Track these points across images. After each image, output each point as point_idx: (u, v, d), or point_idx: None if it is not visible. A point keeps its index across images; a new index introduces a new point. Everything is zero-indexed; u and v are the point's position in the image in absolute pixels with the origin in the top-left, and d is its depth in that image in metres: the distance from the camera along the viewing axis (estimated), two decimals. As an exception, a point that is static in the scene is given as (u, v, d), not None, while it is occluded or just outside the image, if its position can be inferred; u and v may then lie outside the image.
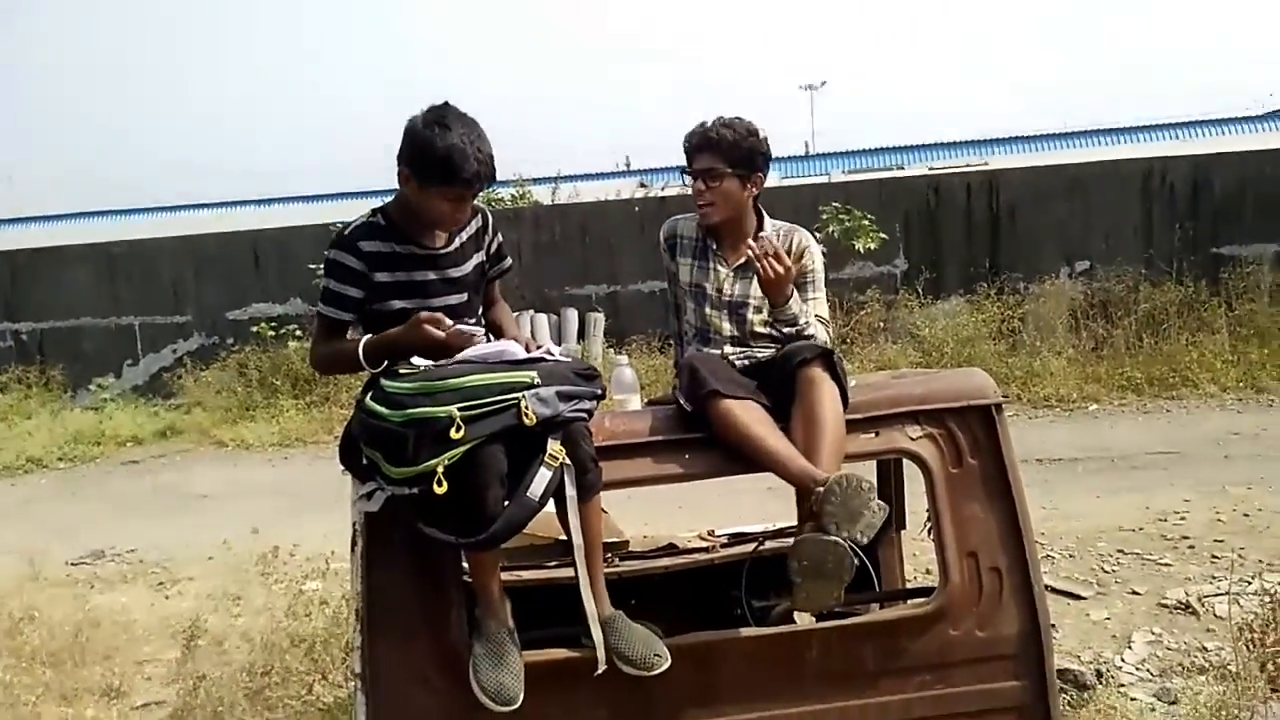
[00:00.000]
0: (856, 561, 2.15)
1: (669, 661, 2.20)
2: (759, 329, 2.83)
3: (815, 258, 2.86)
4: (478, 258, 2.54)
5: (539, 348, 2.34)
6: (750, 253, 2.58)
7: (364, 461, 2.19)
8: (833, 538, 2.13)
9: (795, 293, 2.67)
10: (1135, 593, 4.31)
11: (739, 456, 2.37)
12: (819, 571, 2.16)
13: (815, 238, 2.96)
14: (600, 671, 2.20)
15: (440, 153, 2.22)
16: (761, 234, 2.82)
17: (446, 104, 2.30)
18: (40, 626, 4.36)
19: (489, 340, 2.40)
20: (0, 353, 12.28)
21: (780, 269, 2.55)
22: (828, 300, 2.93)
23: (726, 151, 2.73)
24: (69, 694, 3.79)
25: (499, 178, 2.44)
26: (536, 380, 2.13)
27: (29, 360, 12.12)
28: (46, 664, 3.99)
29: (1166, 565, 4.62)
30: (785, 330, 2.70)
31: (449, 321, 2.26)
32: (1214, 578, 4.35)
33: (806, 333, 2.69)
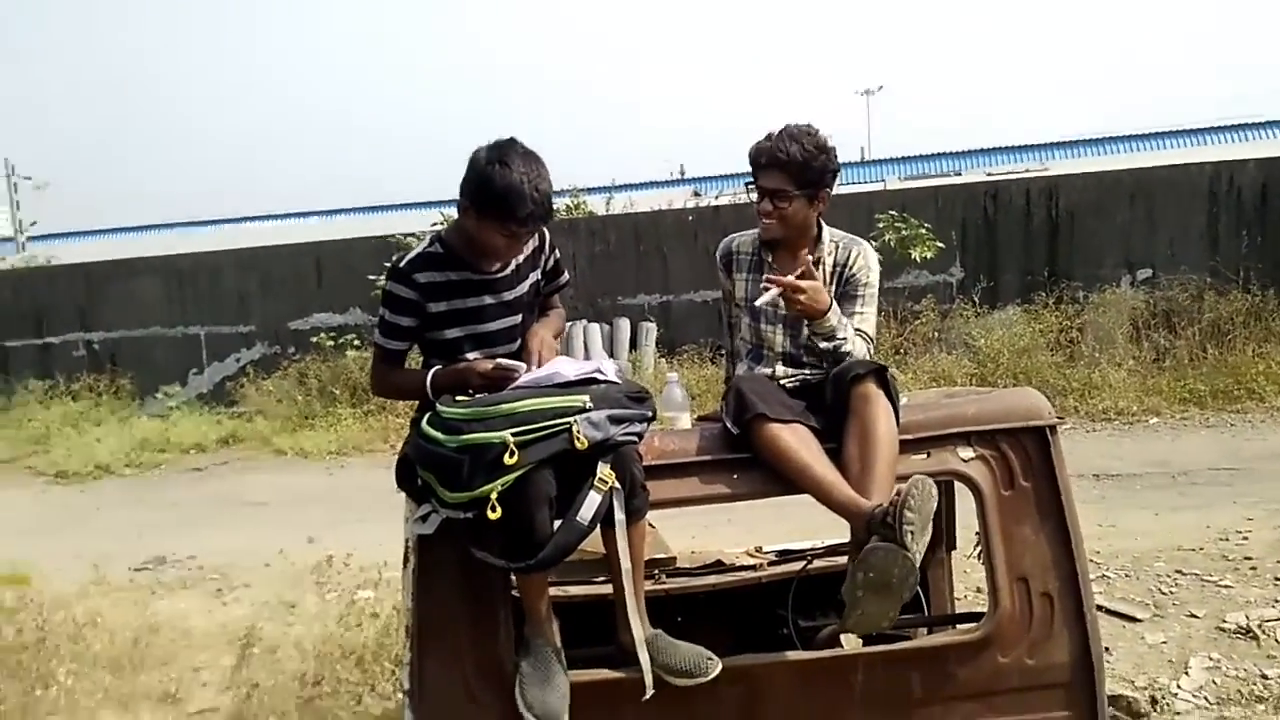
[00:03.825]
0: (919, 576, 2.12)
1: (720, 665, 2.22)
2: (814, 344, 2.80)
3: (871, 271, 2.79)
4: (533, 277, 2.56)
5: (576, 361, 2.37)
6: (774, 292, 2.52)
7: (419, 483, 2.23)
8: (905, 549, 2.08)
9: (835, 306, 2.60)
10: (1194, 616, 4.19)
11: (784, 479, 2.36)
12: (883, 584, 2.11)
13: (872, 245, 2.92)
14: (648, 695, 2.21)
15: (498, 190, 2.25)
16: (820, 246, 2.78)
17: (512, 140, 2.33)
18: (102, 631, 4.48)
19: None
20: (74, 361, 12.69)
21: (805, 298, 2.49)
22: (877, 315, 2.88)
23: (795, 172, 2.64)
24: (126, 699, 3.88)
25: (555, 191, 2.45)
26: (588, 404, 2.16)
27: (100, 369, 12.51)
28: (106, 669, 4.09)
29: (1227, 587, 4.48)
30: (821, 345, 2.62)
31: (510, 365, 2.29)
32: (1277, 601, 4.22)
33: (844, 349, 2.61)
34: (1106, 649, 2.86)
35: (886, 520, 2.12)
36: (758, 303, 2.64)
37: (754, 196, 2.75)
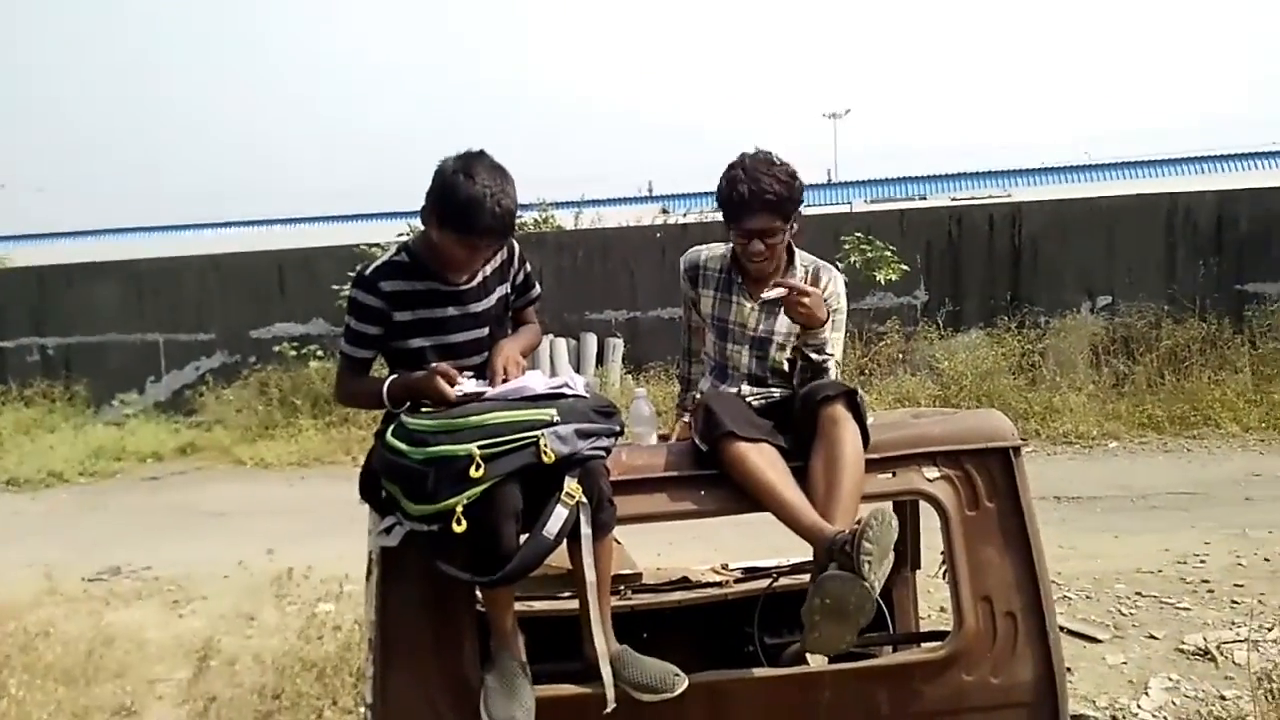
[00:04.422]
0: (876, 605, 2.13)
1: (686, 681, 2.21)
2: (780, 366, 2.82)
3: (840, 297, 2.81)
4: (501, 290, 2.55)
5: (524, 372, 2.36)
6: (781, 290, 2.54)
7: (383, 495, 2.21)
8: (861, 578, 2.09)
9: (828, 324, 2.62)
10: (1153, 637, 4.26)
11: (751, 497, 2.36)
12: (839, 611, 2.13)
13: (838, 268, 2.94)
14: (610, 709, 2.20)
15: (460, 201, 2.24)
16: (791, 269, 2.80)
17: (481, 153, 2.32)
18: (54, 642, 4.39)
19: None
20: (27, 366, 12.45)
21: (809, 304, 2.52)
22: (845, 338, 2.91)
23: (781, 207, 2.64)
24: (80, 712, 3.80)
25: (523, 205, 2.44)
26: (556, 418, 2.14)
27: (54, 374, 12.27)
28: (59, 680, 4.01)
29: (1185, 609, 4.56)
30: (812, 355, 2.64)
31: (461, 380, 2.27)
32: (1234, 624, 4.29)
33: (828, 365, 2.65)
34: (1068, 669, 2.88)
35: (845, 549, 2.13)
36: (766, 295, 2.64)
37: (742, 240, 2.70)
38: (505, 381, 2.34)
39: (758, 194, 2.61)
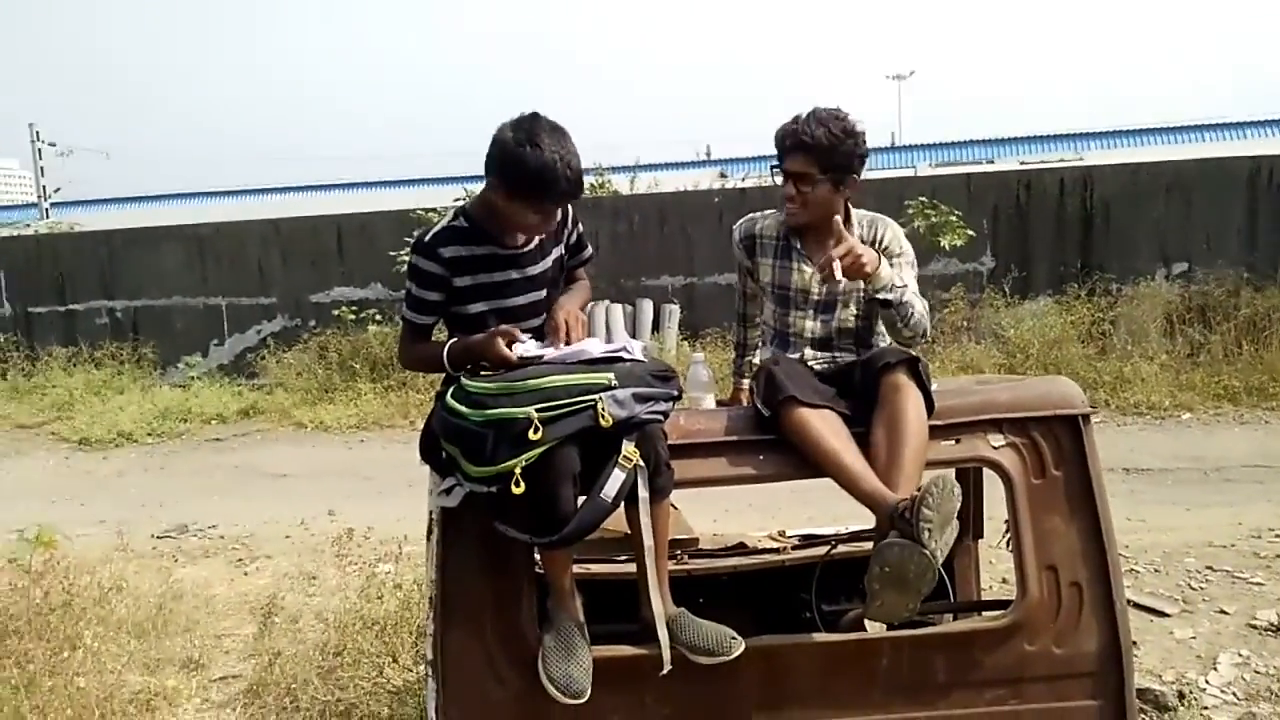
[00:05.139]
0: (938, 573, 2.10)
1: (743, 644, 2.21)
2: (848, 325, 2.76)
3: (902, 242, 2.73)
4: (557, 251, 2.54)
5: (602, 340, 2.35)
6: (836, 268, 2.41)
7: (443, 456, 2.22)
8: (921, 546, 2.07)
9: (883, 262, 2.51)
10: (1223, 612, 4.14)
11: (811, 463, 2.33)
12: (900, 579, 2.11)
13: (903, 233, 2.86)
14: (665, 671, 2.20)
15: (532, 170, 2.22)
16: (849, 226, 2.72)
17: (536, 115, 2.29)
18: (127, 597, 4.51)
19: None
20: (97, 329, 12.78)
21: (856, 263, 2.41)
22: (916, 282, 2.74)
23: (821, 155, 2.58)
24: (151, 664, 3.92)
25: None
26: (614, 382, 2.14)
27: (123, 337, 12.59)
28: (131, 633, 4.13)
29: (1258, 584, 4.42)
30: (888, 298, 2.52)
31: (524, 339, 2.28)
32: (1309, 599, 4.16)
33: (906, 297, 2.52)
34: (1135, 642, 2.82)
35: (905, 515, 2.11)
36: (837, 283, 2.49)
37: (779, 180, 2.70)
38: (568, 337, 2.36)
39: (795, 134, 2.60)
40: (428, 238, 2.41)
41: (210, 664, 4.00)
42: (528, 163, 2.22)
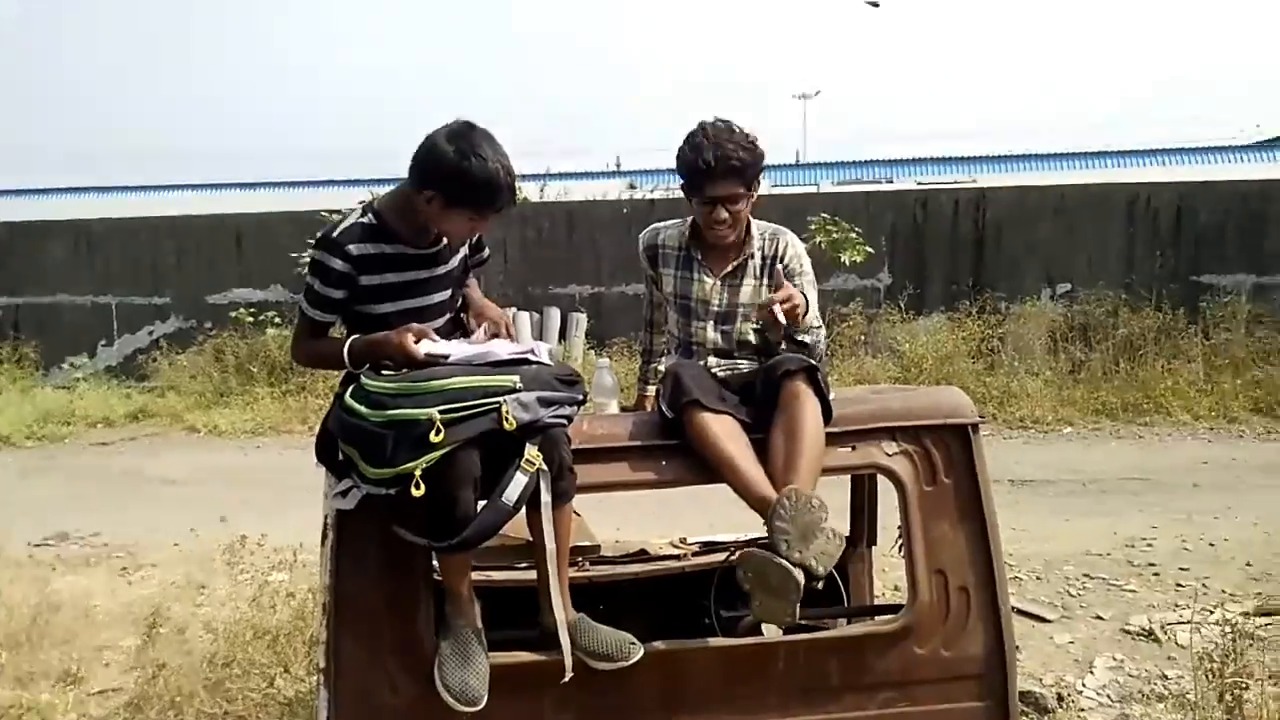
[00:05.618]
0: (802, 582, 2.11)
1: (642, 649, 2.21)
2: (746, 338, 2.81)
3: (802, 258, 2.80)
4: (463, 251, 2.53)
5: (510, 342, 2.35)
6: (769, 315, 2.47)
7: (340, 458, 2.18)
8: (777, 559, 2.11)
9: (807, 306, 2.57)
10: (1100, 618, 4.34)
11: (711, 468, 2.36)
12: (765, 586, 2.15)
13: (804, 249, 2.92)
14: (568, 678, 2.20)
15: (479, 182, 2.21)
16: (749, 239, 2.78)
17: (471, 125, 2.27)
18: (-1, 607, 4.29)
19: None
20: (-27, 327, 12.12)
21: (794, 311, 2.47)
22: (818, 297, 2.82)
23: (744, 174, 2.63)
24: (24, 677, 3.73)
25: None
26: (518, 385, 2.13)
27: (2, 335, 11.96)
28: (2, 646, 3.93)
29: (1131, 591, 4.65)
30: (804, 340, 2.69)
31: (434, 338, 2.26)
32: (1177, 605, 4.39)
33: (818, 339, 2.69)
34: (1017, 647, 2.93)
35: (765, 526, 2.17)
36: (778, 326, 2.49)
37: (699, 206, 2.68)
38: (508, 332, 2.38)
39: (722, 159, 2.59)
40: (335, 233, 2.33)
41: (89, 677, 3.82)
42: (474, 175, 2.20)
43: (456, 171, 2.20)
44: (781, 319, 2.45)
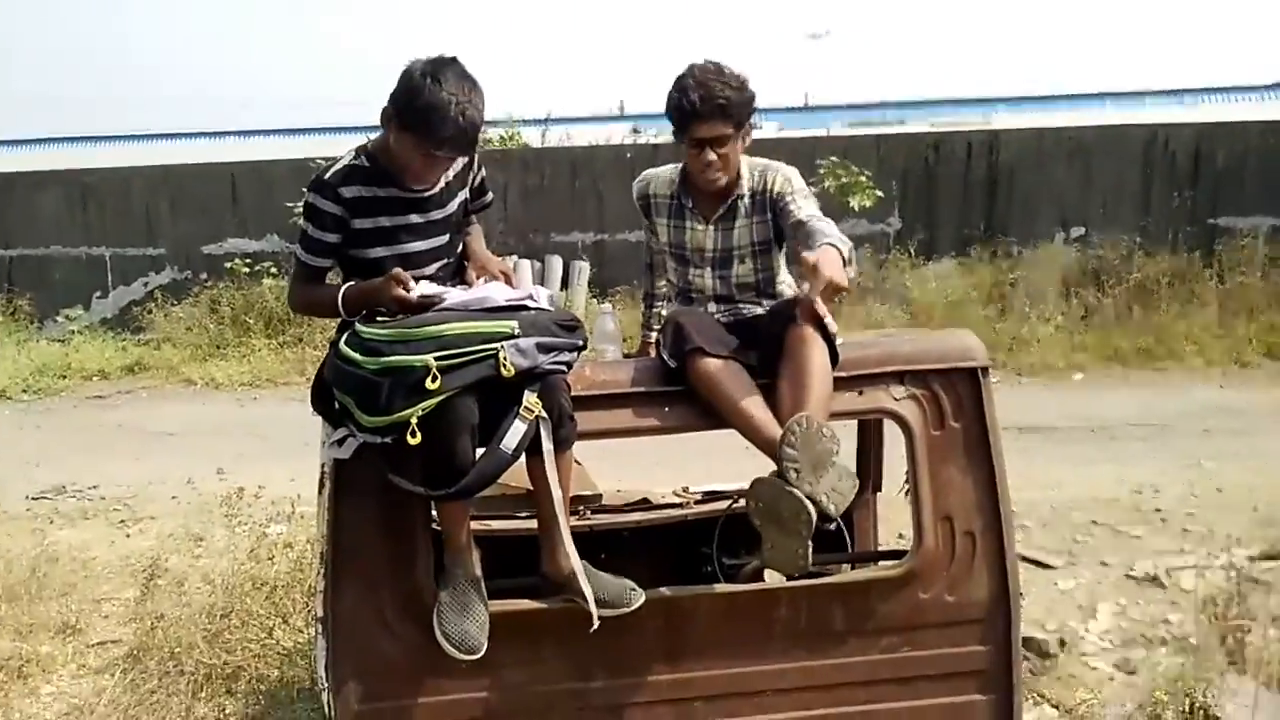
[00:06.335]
0: (814, 515, 2.06)
1: (643, 596, 2.20)
2: (747, 281, 2.74)
3: (792, 180, 2.67)
4: (461, 195, 2.45)
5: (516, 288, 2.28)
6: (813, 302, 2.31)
7: (336, 406, 2.14)
8: (788, 487, 2.06)
9: (847, 262, 2.39)
10: (1105, 564, 4.32)
11: (717, 414, 2.30)
12: (775, 518, 2.10)
13: (813, 193, 2.80)
14: (595, 626, 2.15)
15: (422, 105, 2.11)
16: (740, 182, 2.68)
17: (453, 59, 2.19)
18: (-3, 560, 4.28)
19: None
20: (-33, 279, 12.03)
21: (835, 289, 2.25)
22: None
23: (733, 113, 2.55)
24: (24, 629, 3.74)
25: (488, 121, 2.32)
26: (516, 330, 2.08)
27: (-4, 288, 11.88)
28: (2, 598, 3.92)
29: (1137, 538, 4.63)
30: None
31: (416, 285, 2.18)
32: (1183, 551, 4.37)
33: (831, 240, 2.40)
34: (1021, 593, 2.90)
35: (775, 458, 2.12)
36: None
37: (688, 149, 2.61)
38: (509, 280, 2.32)
39: (708, 99, 2.52)
40: (327, 175, 2.28)
41: (88, 629, 3.83)
42: (422, 96, 2.12)
43: (410, 91, 2.13)
44: (823, 311, 2.32)
